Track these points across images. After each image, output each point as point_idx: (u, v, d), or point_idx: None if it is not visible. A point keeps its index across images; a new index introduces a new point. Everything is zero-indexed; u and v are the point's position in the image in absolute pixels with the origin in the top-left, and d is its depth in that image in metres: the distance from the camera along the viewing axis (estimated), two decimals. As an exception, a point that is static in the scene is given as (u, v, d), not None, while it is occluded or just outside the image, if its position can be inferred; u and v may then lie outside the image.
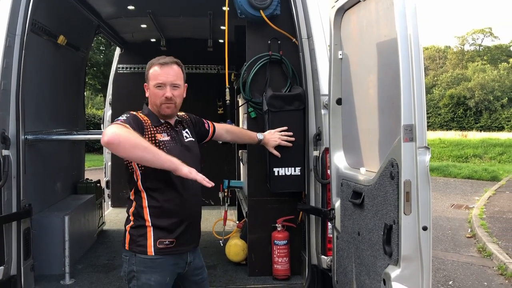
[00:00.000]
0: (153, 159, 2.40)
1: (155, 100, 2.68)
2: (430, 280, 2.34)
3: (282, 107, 3.88)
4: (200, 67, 7.60)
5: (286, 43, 4.05)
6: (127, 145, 2.35)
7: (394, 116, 2.45)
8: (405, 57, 2.36)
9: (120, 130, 2.38)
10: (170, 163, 2.44)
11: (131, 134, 2.39)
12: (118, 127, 2.41)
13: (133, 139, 2.37)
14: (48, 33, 4.47)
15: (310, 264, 3.72)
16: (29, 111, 3.76)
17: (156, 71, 2.69)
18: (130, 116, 2.58)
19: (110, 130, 2.38)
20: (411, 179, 2.33)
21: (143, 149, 2.37)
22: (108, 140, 2.34)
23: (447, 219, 9.51)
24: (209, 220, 6.58)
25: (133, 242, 2.60)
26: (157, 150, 2.45)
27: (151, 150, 2.40)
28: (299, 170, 3.88)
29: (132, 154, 2.39)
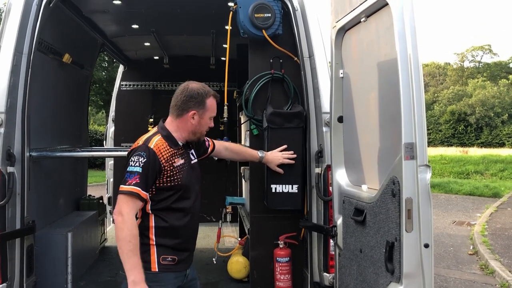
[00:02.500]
0: (122, 258, 2.49)
1: (201, 129, 2.81)
2: (432, 298, 2.35)
3: (282, 124, 3.93)
4: None
5: (288, 61, 4.11)
6: (119, 235, 2.49)
7: (395, 134, 2.49)
8: (405, 76, 2.41)
9: (127, 220, 2.51)
10: (128, 275, 2.46)
11: (129, 230, 2.49)
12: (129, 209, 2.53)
13: (126, 236, 2.47)
14: (54, 52, 4.54)
15: (312, 281, 3.72)
16: (33, 128, 3.80)
17: (214, 104, 2.82)
18: (148, 160, 2.59)
19: (124, 208, 2.51)
20: (412, 197, 2.36)
21: (123, 248, 2.48)
22: (116, 219, 2.54)
23: (449, 236, 9.47)
24: (210, 236, 6.59)
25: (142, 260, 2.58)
26: (131, 256, 2.47)
27: (125, 252, 2.47)
28: (297, 188, 3.91)
29: (117, 240, 2.51)
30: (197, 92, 2.76)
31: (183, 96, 2.75)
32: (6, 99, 3.41)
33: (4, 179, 3.35)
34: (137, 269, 2.45)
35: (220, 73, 6.34)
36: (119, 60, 7.33)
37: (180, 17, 5.23)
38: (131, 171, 2.55)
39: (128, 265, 2.45)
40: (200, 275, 4.67)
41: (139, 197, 2.55)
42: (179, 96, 2.77)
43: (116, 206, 2.54)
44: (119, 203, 2.53)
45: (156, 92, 7.68)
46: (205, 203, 7.74)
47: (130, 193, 2.52)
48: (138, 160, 2.56)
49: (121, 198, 2.54)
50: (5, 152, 3.37)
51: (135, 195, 2.53)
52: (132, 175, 2.54)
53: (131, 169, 2.56)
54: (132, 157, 2.59)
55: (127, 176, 2.56)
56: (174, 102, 2.78)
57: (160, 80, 7.64)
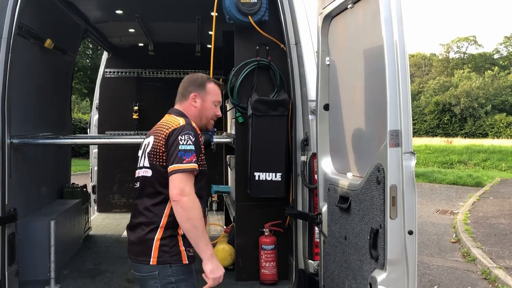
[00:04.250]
0: (197, 235, 2.36)
1: (207, 114, 2.73)
2: (415, 284, 2.37)
3: (267, 112, 3.91)
4: (187, 72, 7.59)
5: (274, 49, 4.08)
6: (191, 215, 2.34)
7: (381, 122, 2.49)
8: (391, 63, 2.40)
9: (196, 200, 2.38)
10: (204, 252, 2.36)
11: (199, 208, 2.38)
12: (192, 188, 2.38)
13: (198, 214, 2.36)
14: (35, 36, 4.44)
15: (297, 268, 3.74)
16: (15, 114, 3.72)
17: (216, 89, 2.75)
18: (196, 139, 2.49)
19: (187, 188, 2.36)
20: (397, 184, 2.37)
21: (198, 226, 2.36)
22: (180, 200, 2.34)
23: (432, 225, 9.60)
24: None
25: (166, 253, 2.45)
26: (205, 232, 2.39)
27: (200, 229, 2.36)
28: (280, 176, 3.90)
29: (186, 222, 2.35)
30: (196, 77, 2.75)
31: (185, 83, 2.74)
32: (-15, 84, 3.32)
33: (-15, 165, 3.28)
34: (210, 245, 2.39)
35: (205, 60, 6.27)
36: (103, 46, 7.20)
37: (165, 2, 5.14)
38: (186, 150, 2.41)
39: (205, 240, 2.35)
40: (185, 263, 4.66)
41: (195, 174, 2.43)
42: (182, 84, 2.76)
43: (174, 186, 2.34)
44: (180, 182, 2.35)
45: (140, 79, 7.59)
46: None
47: (192, 171, 2.39)
48: (189, 138, 2.44)
49: (181, 177, 2.36)
50: (-15, 138, 3.30)
51: (195, 171, 2.42)
52: (187, 153, 2.40)
53: (184, 148, 2.41)
54: (181, 136, 2.44)
55: (181, 154, 2.40)
56: (179, 90, 2.75)
57: (145, 68, 7.55)
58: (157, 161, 2.49)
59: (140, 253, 2.48)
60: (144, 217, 2.51)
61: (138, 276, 2.54)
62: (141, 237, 2.49)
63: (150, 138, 2.60)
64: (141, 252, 2.48)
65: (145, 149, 2.60)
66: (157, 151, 2.50)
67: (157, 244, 2.44)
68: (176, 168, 2.38)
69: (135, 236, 2.53)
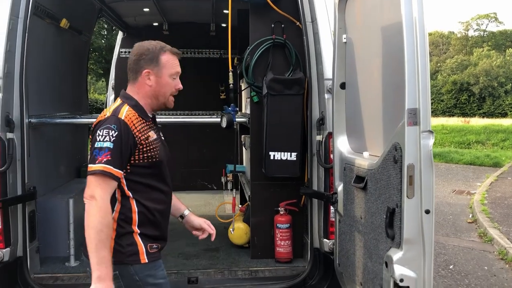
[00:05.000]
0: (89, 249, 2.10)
1: (164, 92, 2.41)
2: (432, 263, 2.36)
3: (282, 91, 3.88)
4: (202, 52, 7.56)
5: (290, 27, 4.03)
6: (90, 222, 2.10)
7: (398, 100, 2.45)
8: (410, 41, 2.34)
9: (102, 205, 2.13)
10: (93, 270, 2.08)
11: (101, 217, 2.11)
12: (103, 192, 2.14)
13: (97, 223, 2.10)
14: (51, 16, 4.45)
15: (312, 247, 3.76)
16: (32, 94, 3.76)
17: (172, 59, 2.42)
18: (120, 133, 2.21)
19: (97, 191, 2.13)
20: (414, 163, 2.34)
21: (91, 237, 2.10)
22: (88, 204, 2.13)
23: (448, 205, 9.54)
24: (211, 204, 6.64)
25: (121, 253, 2.26)
26: (100, 247, 2.10)
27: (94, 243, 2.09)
28: (295, 156, 3.90)
29: (85, 228, 2.12)
30: (147, 48, 2.37)
31: (134, 56, 2.38)
32: (3, 64, 3.35)
33: (4, 145, 3.34)
34: (104, 264, 2.09)
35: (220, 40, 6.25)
36: (118, 26, 7.19)
37: (179, -19, 5.10)
38: (100, 147, 2.17)
39: (96, 258, 2.08)
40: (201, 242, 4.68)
41: (112, 176, 2.16)
42: (131, 58, 2.40)
43: (86, 189, 2.15)
44: (90, 185, 2.14)
45: None
46: (206, 171, 7.83)
47: (102, 173, 2.13)
48: (108, 134, 2.18)
49: (91, 180, 2.14)
50: (4, 118, 3.35)
51: (107, 174, 2.14)
52: (101, 151, 2.16)
53: (99, 145, 2.17)
54: (100, 131, 2.20)
55: (95, 153, 2.17)
56: (128, 66, 2.41)
57: None
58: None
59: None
60: None
61: None
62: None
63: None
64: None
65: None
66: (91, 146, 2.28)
67: (111, 244, 2.21)
68: (89, 169, 2.16)
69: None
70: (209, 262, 4.12)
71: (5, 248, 3.33)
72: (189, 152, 7.51)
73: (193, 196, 7.17)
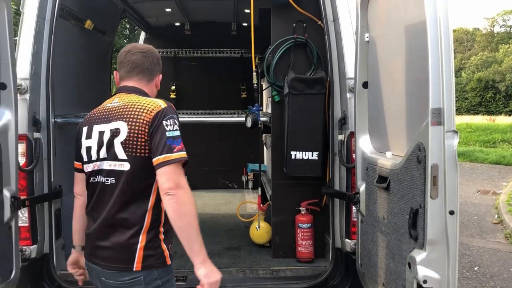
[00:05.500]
0: (191, 234, 2.10)
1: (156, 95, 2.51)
2: (456, 265, 2.33)
3: (303, 90, 3.88)
4: (223, 51, 7.60)
5: (312, 26, 4.02)
6: (187, 209, 2.09)
7: (422, 100, 2.42)
8: (434, 39, 2.32)
9: (190, 192, 2.12)
10: (197, 255, 2.12)
11: (194, 203, 2.13)
12: (185, 180, 2.12)
13: (194, 210, 2.11)
14: (75, 18, 4.53)
15: (334, 247, 3.74)
16: (57, 94, 3.84)
17: None
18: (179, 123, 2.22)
19: (182, 180, 2.10)
20: (438, 163, 2.31)
21: (193, 223, 2.11)
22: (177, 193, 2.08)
23: (473, 205, 9.37)
24: (232, 203, 6.67)
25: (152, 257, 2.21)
26: (199, 232, 2.13)
27: (196, 228, 2.11)
28: (317, 155, 3.88)
29: (180, 219, 2.10)
30: (157, 53, 2.49)
31: (150, 58, 2.42)
32: (31, 65, 3.43)
33: (31, 145, 3.42)
34: (203, 247, 2.13)
35: (241, 39, 6.27)
36: (141, 26, 7.28)
37: (201, -19, 5.14)
38: (174, 136, 2.13)
39: (199, 242, 2.10)
40: (223, 240, 4.77)
41: (186, 164, 2.16)
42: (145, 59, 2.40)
43: (168, 179, 2.08)
44: (173, 174, 2.08)
45: (177, 59, 7.65)
46: (226, 170, 7.87)
47: (185, 160, 2.13)
48: (174, 123, 2.17)
49: (173, 169, 2.09)
50: (31, 118, 3.43)
51: (185, 162, 2.14)
52: (176, 140, 2.13)
53: (173, 134, 2.13)
54: (166, 121, 2.15)
55: (170, 142, 2.11)
56: (145, 66, 2.39)
57: (182, 47, 7.59)
58: (139, 152, 2.16)
59: (119, 259, 2.20)
60: (121, 218, 2.19)
61: (114, 284, 2.23)
62: (120, 242, 2.18)
63: (116, 123, 2.22)
64: (120, 258, 2.19)
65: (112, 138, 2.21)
66: (138, 140, 2.16)
67: (141, 248, 2.17)
68: (167, 159, 2.09)
69: (110, 241, 2.20)
70: (230, 261, 4.14)
71: (32, 245, 3.41)
72: (209, 151, 7.56)
73: (214, 195, 7.22)
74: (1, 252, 2.87)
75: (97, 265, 2.27)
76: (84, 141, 2.34)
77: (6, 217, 2.91)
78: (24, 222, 3.37)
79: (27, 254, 3.36)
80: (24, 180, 3.32)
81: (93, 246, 2.30)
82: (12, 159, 2.99)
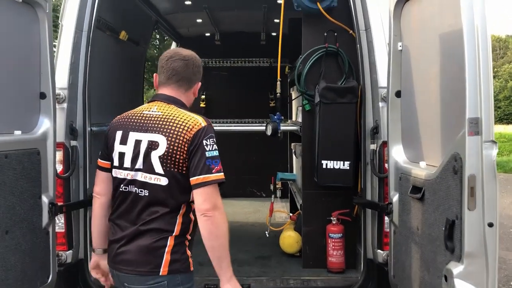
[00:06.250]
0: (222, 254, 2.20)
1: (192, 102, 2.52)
2: (495, 279, 2.26)
3: (335, 99, 3.87)
4: (252, 61, 7.66)
5: (343, 35, 4.01)
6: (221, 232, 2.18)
7: (458, 109, 2.38)
8: (471, 48, 2.28)
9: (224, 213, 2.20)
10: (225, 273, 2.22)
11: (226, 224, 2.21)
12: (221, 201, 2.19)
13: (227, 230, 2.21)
14: (111, 29, 4.66)
15: (365, 258, 3.70)
16: (93, 103, 3.94)
17: None
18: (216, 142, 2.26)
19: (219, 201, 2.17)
20: (476, 174, 2.26)
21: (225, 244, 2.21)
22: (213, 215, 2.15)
23: (508, 217, 9.10)
24: (261, 211, 6.67)
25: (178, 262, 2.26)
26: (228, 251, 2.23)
27: (227, 248, 2.22)
28: (348, 165, 3.85)
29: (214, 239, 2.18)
30: (200, 62, 2.47)
31: (191, 66, 2.39)
32: (69, 75, 3.55)
33: (68, 153, 3.52)
34: (230, 264, 2.24)
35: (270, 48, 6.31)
36: (172, 37, 7.43)
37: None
38: (213, 156, 2.17)
39: (227, 261, 2.21)
40: (252, 249, 4.77)
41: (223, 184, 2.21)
42: (186, 66, 2.38)
43: (205, 200, 2.14)
44: (211, 196, 2.14)
45: (207, 68, 7.74)
46: (255, 178, 7.89)
47: (222, 182, 2.19)
48: (214, 142, 2.21)
49: (212, 190, 2.15)
50: (68, 127, 3.53)
51: (222, 183, 2.20)
52: (215, 160, 2.17)
53: (212, 154, 2.17)
54: (206, 140, 2.18)
55: (209, 162, 2.15)
56: (184, 74, 2.37)
57: (211, 57, 7.69)
58: (176, 168, 2.20)
59: (145, 263, 2.22)
60: (153, 225, 2.23)
61: None
62: (147, 246, 2.22)
63: (154, 136, 2.24)
64: (146, 262, 2.22)
65: (149, 150, 2.23)
66: (177, 157, 2.19)
67: (168, 252, 2.22)
68: (205, 180, 2.14)
69: (137, 244, 2.24)
70: (260, 270, 4.14)
71: (68, 251, 3.50)
72: (238, 159, 7.60)
73: (243, 203, 7.24)
74: (39, 257, 2.96)
75: (120, 271, 2.30)
76: (117, 146, 2.35)
77: (44, 222, 3.00)
78: (61, 228, 3.46)
79: (63, 259, 3.44)
80: (61, 187, 3.41)
81: (117, 253, 2.31)
82: (50, 166, 3.08)
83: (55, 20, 5.70)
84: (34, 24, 2.95)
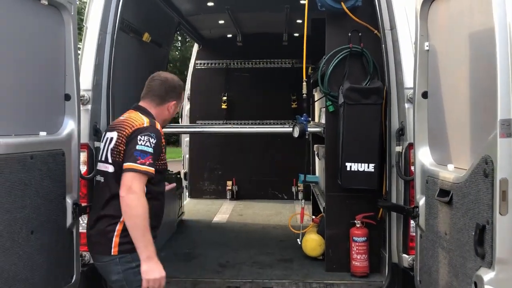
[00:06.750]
0: (137, 234, 2.49)
1: (167, 117, 2.89)
2: (529, 287, 2.18)
3: (359, 100, 3.80)
4: (274, 62, 7.63)
5: (367, 35, 3.95)
6: (134, 212, 2.47)
7: (488, 110, 2.31)
8: (504, 47, 2.20)
9: (142, 198, 2.48)
10: (141, 253, 2.49)
11: (143, 207, 2.48)
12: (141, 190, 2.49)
13: (142, 212, 2.47)
14: (134, 31, 4.69)
15: (390, 262, 3.62)
16: (116, 105, 3.97)
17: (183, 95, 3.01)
18: (157, 142, 2.61)
19: (136, 186, 2.48)
20: (508, 177, 2.18)
21: (138, 224, 2.48)
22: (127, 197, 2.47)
23: (537, 221, 8.83)
24: (283, 214, 6.62)
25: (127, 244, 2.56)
26: (146, 232, 2.50)
27: (141, 228, 2.48)
28: (373, 167, 3.78)
29: (128, 219, 2.50)
30: (178, 84, 2.90)
31: (165, 87, 2.82)
32: (93, 77, 3.58)
33: (92, 154, 3.54)
34: (150, 245, 2.51)
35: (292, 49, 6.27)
36: (194, 38, 7.45)
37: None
38: (144, 151, 2.54)
39: (144, 241, 2.49)
40: (275, 252, 4.73)
41: (150, 176, 2.54)
42: (160, 86, 2.82)
43: (124, 183, 2.48)
44: (129, 180, 2.48)
45: (229, 70, 7.75)
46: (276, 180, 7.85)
47: (145, 173, 2.51)
48: (149, 140, 2.56)
49: (133, 176, 2.49)
50: (92, 128, 3.56)
51: (148, 174, 2.53)
52: (145, 154, 2.53)
53: (143, 148, 2.54)
54: (141, 136, 2.56)
55: (138, 154, 2.52)
56: (156, 92, 2.82)
57: (233, 58, 7.69)
58: (119, 158, 2.60)
59: (101, 244, 2.61)
60: (106, 210, 2.63)
61: (99, 264, 2.70)
62: (102, 230, 2.61)
63: (113, 133, 2.68)
64: (101, 244, 2.61)
65: (108, 144, 2.68)
66: (119, 148, 2.61)
67: (117, 236, 2.57)
68: (129, 167, 2.50)
69: (97, 229, 2.65)
70: (283, 273, 4.10)
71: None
72: (260, 161, 7.57)
73: (264, 205, 7.21)
74: (63, 257, 2.98)
75: (90, 252, 2.80)
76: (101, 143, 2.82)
77: (68, 223, 3.03)
78: (84, 228, 3.48)
79: (86, 260, 3.46)
80: (84, 188, 3.44)
81: (88, 237, 2.76)
82: (75, 167, 3.11)
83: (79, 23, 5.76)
84: (60, 26, 2.99)
